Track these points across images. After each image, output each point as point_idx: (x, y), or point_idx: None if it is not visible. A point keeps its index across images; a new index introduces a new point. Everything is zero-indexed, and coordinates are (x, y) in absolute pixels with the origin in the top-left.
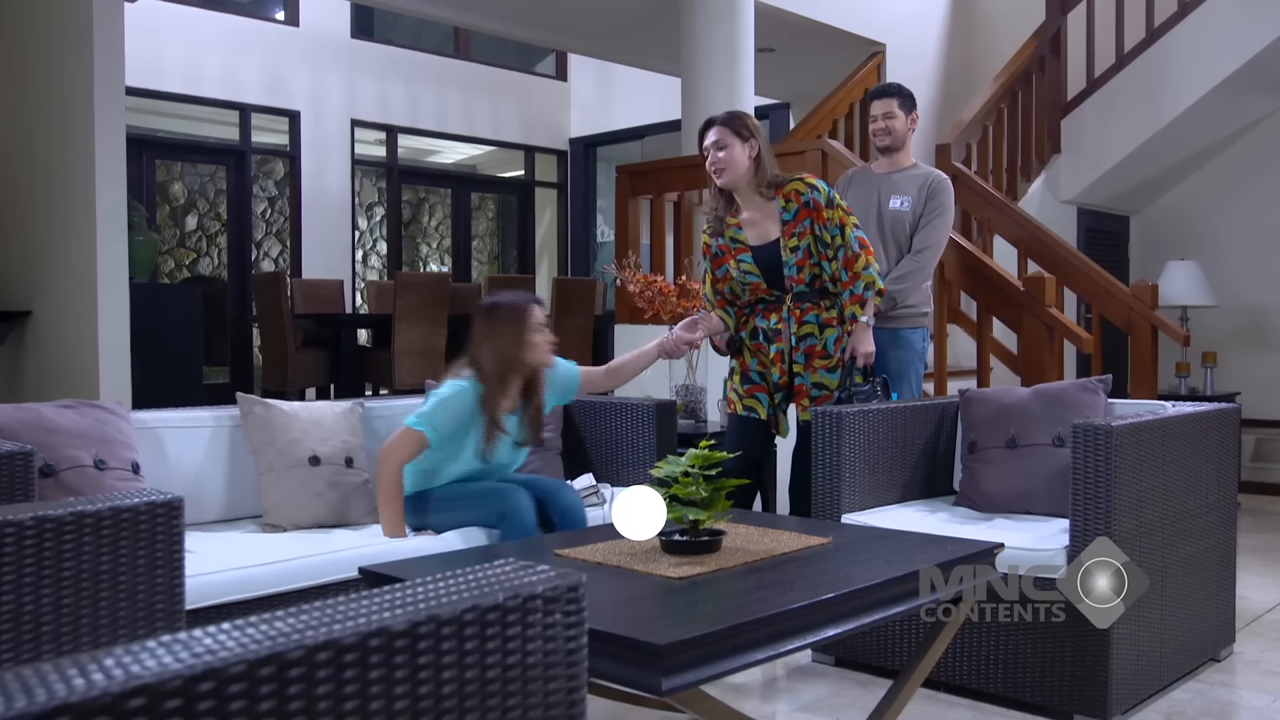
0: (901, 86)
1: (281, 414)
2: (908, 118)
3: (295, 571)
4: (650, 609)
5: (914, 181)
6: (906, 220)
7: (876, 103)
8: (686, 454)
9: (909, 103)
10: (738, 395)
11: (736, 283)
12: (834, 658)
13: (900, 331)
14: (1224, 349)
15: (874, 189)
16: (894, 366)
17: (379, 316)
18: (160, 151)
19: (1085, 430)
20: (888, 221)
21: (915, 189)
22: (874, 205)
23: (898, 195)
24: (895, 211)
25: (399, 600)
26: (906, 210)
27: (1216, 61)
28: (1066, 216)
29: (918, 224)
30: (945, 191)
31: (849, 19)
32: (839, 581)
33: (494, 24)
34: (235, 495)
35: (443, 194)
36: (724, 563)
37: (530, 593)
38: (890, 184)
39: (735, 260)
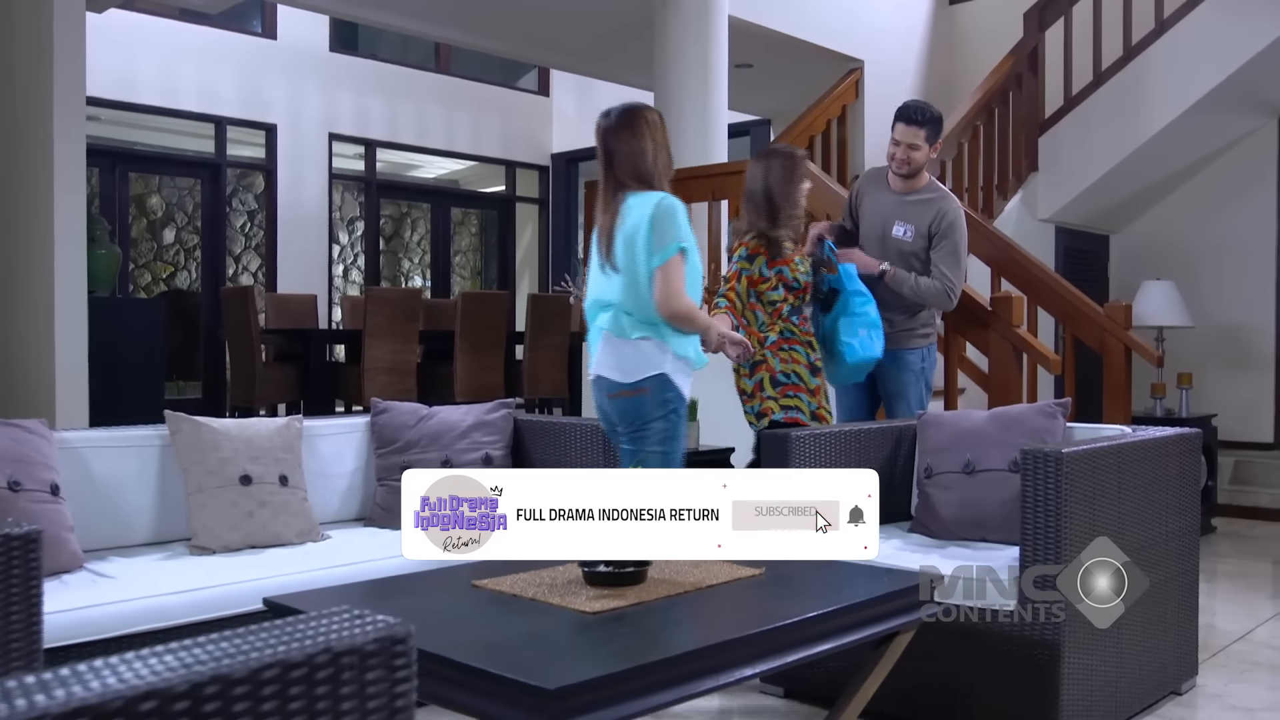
0: (931, 113)
1: (211, 432)
2: (930, 148)
3: (201, 603)
4: (552, 647)
5: (922, 211)
6: (908, 250)
7: (904, 127)
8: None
9: (936, 133)
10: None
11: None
12: (783, 689)
13: (898, 352)
14: (1201, 370)
15: (884, 210)
16: (890, 386)
17: (350, 332)
18: (134, 164)
19: (1034, 456)
20: (891, 248)
21: (923, 220)
22: (879, 226)
23: (903, 223)
24: (897, 239)
25: (191, 658)
26: (909, 240)
27: (1194, 79)
28: (1044, 235)
29: (924, 255)
30: (955, 229)
31: (827, 35)
32: (762, 617)
33: (473, 39)
34: (165, 516)
35: (425, 209)
36: (646, 595)
37: (346, 646)
38: (900, 210)
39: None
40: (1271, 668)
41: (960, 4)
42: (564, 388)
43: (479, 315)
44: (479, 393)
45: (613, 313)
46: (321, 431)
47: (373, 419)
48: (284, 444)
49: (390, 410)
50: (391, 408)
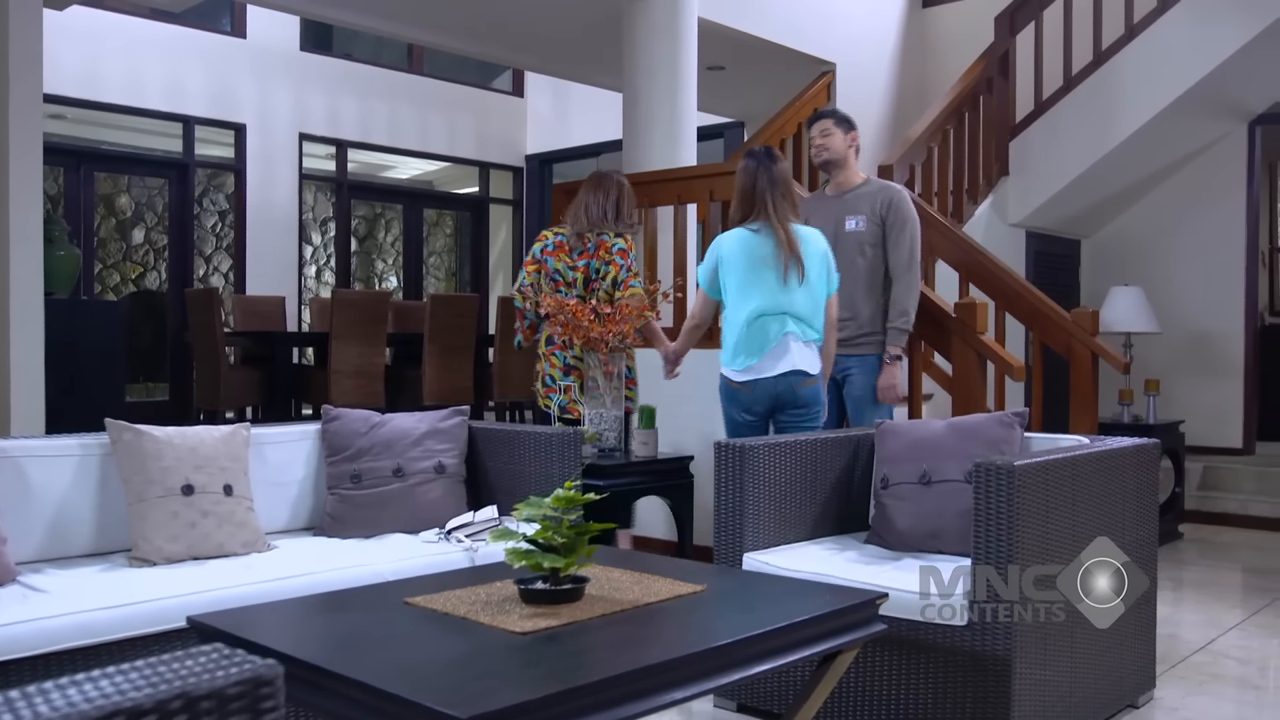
0: (833, 109)
1: (153, 441)
2: (845, 135)
3: (129, 619)
4: (475, 671)
5: (866, 200)
6: (864, 239)
7: (813, 126)
8: (551, 495)
9: (845, 123)
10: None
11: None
12: (736, 703)
13: (867, 358)
14: (1170, 376)
15: (831, 214)
16: (857, 392)
17: (317, 334)
18: (100, 163)
19: (986, 469)
20: (847, 243)
21: (868, 207)
22: (830, 230)
23: (852, 216)
24: (851, 232)
25: (30, 712)
26: (863, 229)
27: (1163, 85)
28: (1015, 240)
29: (879, 242)
30: (901, 203)
31: (798, 38)
32: (698, 638)
33: (444, 40)
34: (106, 527)
35: (398, 210)
36: (580, 614)
37: (206, 690)
38: (844, 205)
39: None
40: (1231, 679)
41: (933, 7)
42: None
43: (448, 317)
44: (448, 396)
45: (797, 321)
46: (270, 439)
47: (324, 426)
48: (230, 452)
49: (342, 418)
50: (343, 415)
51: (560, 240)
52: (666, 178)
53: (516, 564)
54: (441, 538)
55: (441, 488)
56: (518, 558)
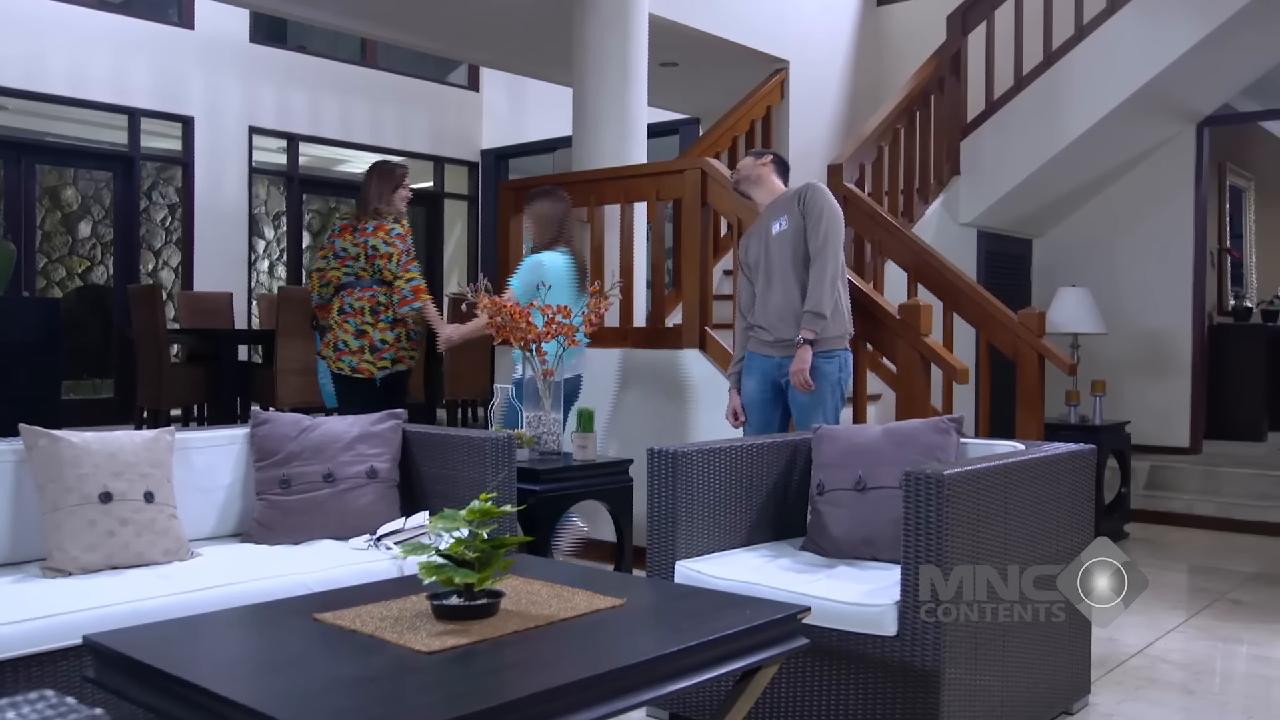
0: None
1: (70, 447)
2: (756, 160)
3: (27, 635)
4: (371, 695)
5: (785, 202)
6: (788, 238)
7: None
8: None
9: (756, 154)
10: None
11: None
12: (668, 713)
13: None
14: (1118, 376)
15: (761, 225)
16: (801, 397)
17: (262, 332)
18: (42, 156)
19: (915, 478)
20: (773, 247)
21: (788, 208)
22: (764, 240)
23: (776, 220)
24: (778, 235)
25: None
26: (787, 228)
27: (1112, 85)
28: (966, 239)
29: (800, 235)
30: (817, 194)
31: (751, 35)
32: (613, 655)
33: (396, 34)
34: (20, 536)
35: (352, 204)
36: (492, 631)
37: None
38: (770, 213)
39: None
40: (1166, 684)
41: (888, 6)
42: (485, 389)
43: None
44: None
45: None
46: (196, 444)
47: (252, 430)
48: (152, 458)
49: (271, 421)
50: (273, 418)
51: (346, 223)
52: (612, 176)
53: (428, 579)
54: (371, 545)
55: (373, 493)
56: (429, 572)
